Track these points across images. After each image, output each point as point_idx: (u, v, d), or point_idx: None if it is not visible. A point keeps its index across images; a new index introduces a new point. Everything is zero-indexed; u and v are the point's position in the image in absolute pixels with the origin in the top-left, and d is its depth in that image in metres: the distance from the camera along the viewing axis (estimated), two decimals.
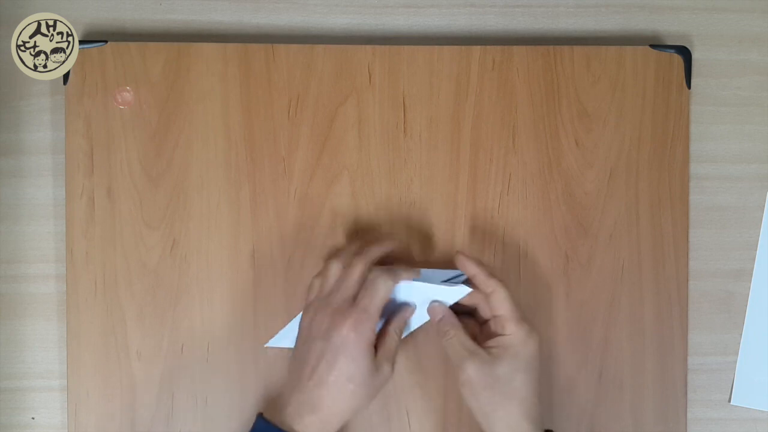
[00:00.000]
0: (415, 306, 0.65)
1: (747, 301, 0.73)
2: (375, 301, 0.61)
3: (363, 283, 0.62)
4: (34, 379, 0.71)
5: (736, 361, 0.73)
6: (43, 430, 0.71)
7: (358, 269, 0.63)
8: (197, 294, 0.69)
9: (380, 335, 0.63)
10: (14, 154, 0.72)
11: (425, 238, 0.70)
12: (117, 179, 0.69)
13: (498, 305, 0.63)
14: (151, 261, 0.69)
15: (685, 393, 0.70)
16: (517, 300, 0.63)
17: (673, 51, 0.70)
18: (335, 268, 0.64)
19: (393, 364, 0.63)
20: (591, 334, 0.70)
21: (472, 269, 0.64)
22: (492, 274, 0.64)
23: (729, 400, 0.73)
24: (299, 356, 0.62)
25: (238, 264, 0.69)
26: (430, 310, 0.65)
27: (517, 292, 0.70)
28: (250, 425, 0.69)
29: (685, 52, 0.70)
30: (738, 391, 0.73)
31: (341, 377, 0.60)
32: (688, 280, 0.70)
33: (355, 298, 0.62)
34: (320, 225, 0.69)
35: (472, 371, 0.61)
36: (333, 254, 0.67)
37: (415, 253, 0.69)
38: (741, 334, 0.73)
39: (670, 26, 0.73)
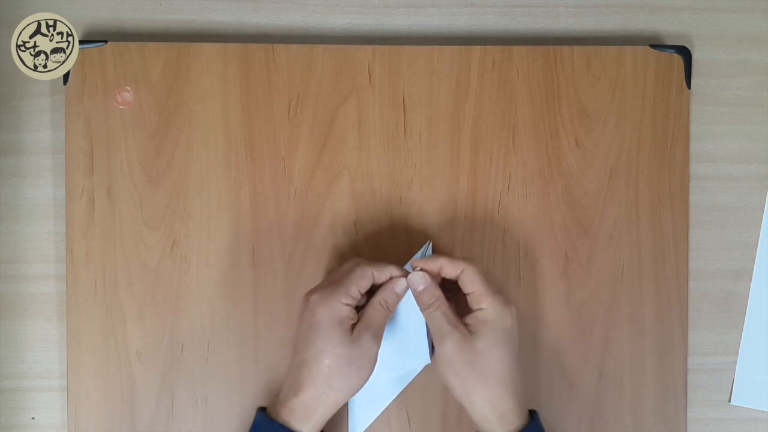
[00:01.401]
0: (406, 281, 0.63)
1: (747, 301, 0.73)
2: (350, 278, 0.61)
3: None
4: (34, 379, 0.71)
5: (736, 361, 0.73)
6: (43, 430, 0.71)
7: (351, 262, 0.63)
8: (197, 294, 0.69)
9: (367, 306, 0.62)
10: (14, 154, 0.72)
11: (425, 238, 0.69)
12: (117, 179, 0.69)
13: (468, 283, 0.62)
14: (151, 261, 0.69)
15: (685, 393, 0.70)
16: (492, 274, 0.63)
17: (673, 51, 0.70)
18: (351, 265, 0.63)
19: (377, 336, 0.61)
20: (591, 334, 0.70)
21: (435, 265, 0.63)
22: (457, 257, 0.63)
23: (729, 400, 0.73)
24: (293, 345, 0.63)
25: (238, 264, 0.69)
26: (410, 280, 0.63)
27: (517, 292, 0.70)
28: (250, 425, 0.69)
29: (685, 52, 0.70)
30: (738, 391, 0.73)
31: (316, 354, 0.59)
32: (688, 280, 0.70)
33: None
34: (320, 225, 0.69)
35: (450, 347, 0.60)
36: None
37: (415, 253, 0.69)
38: (741, 334, 0.73)
39: (670, 26, 0.73)
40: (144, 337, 0.68)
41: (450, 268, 0.63)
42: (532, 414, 0.62)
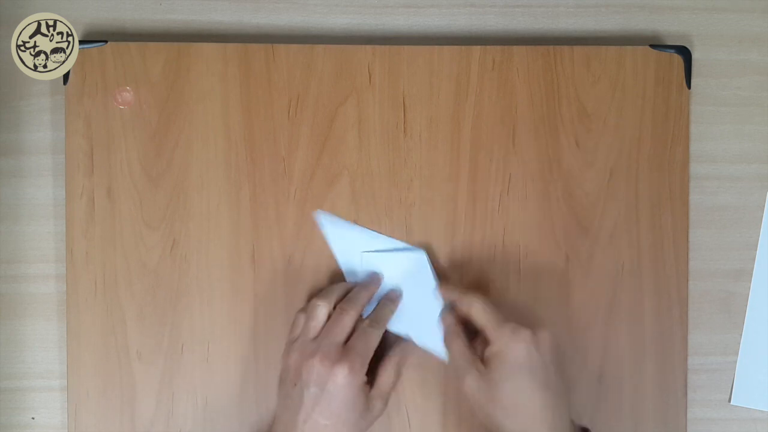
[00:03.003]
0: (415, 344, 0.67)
1: (747, 301, 0.73)
2: (369, 348, 0.63)
3: (352, 329, 0.63)
4: (34, 379, 0.71)
5: (736, 361, 0.73)
6: (43, 430, 0.71)
7: (351, 316, 0.64)
8: (197, 294, 0.69)
9: (379, 369, 0.65)
10: (14, 154, 0.72)
11: (425, 238, 0.69)
12: (117, 179, 0.69)
13: (478, 318, 0.63)
14: (151, 261, 0.69)
15: (685, 393, 0.70)
16: (506, 303, 0.65)
17: (673, 51, 0.70)
18: (323, 311, 0.64)
19: (386, 401, 0.64)
20: (591, 334, 0.70)
21: (451, 295, 0.66)
22: (467, 291, 0.65)
23: (729, 400, 0.73)
24: (291, 400, 0.62)
25: (238, 264, 0.69)
26: (442, 320, 0.66)
27: (517, 292, 0.69)
28: (250, 425, 0.69)
29: (685, 52, 0.70)
30: (738, 391, 0.73)
31: (336, 421, 0.60)
32: (688, 280, 0.70)
33: (344, 344, 0.63)
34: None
35: (470, 384, 0.61)
36: (319, 294, 0.66)
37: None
38: (741, 334, 0.73)
39: (670, 26, 0.73)
40: (144, 337, 0.68)
41: (461, 302, 0.65)
42: None
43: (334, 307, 0.64)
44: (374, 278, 0.68)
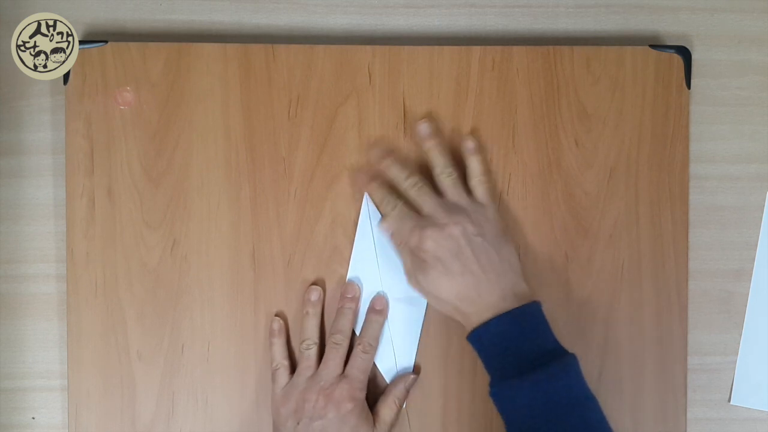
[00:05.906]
0: (416, 376, 0.68)
1: (747, 301, 0.73)
2: (365, 372, 0.65)
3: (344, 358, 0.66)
4: (34, 379, 0.71)
5: (736, 361, 0.73)
6: (43, 430, 0.71)
7: (341, 351, 0.66)
8: (197, 294, 0.69)
9: (380, 402, 0.66)
10: (14, 154, 0.72)
11: None
12: (117, 179, 0.69)
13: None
14: (152, 261, 0.69)
15: (685, 393, 0.70)
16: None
17: (672, 51, 0.70)
18: (314, 350, 0.66)
19: None
20: (591, 334, 0.70)
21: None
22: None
23: (729, 400, 0.73)
24: None
25: (238, 264, 0.69)
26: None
27: None
28: (250, 425, 0.69)
29: (684, 53, 0.70)
30: (738, 391, 0.73)
31: None
32: (688, 280, 0.70)
33: (341, 375, 0.65)
34: (320, 225, 0.69)
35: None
36: (302, 335, 0.67)
37: None
38: (741, 334, 0.73)
39: (670, 26, 0.73)
40: (144, 337, 0.69)
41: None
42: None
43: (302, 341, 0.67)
44: (353, 296, 0.68)
